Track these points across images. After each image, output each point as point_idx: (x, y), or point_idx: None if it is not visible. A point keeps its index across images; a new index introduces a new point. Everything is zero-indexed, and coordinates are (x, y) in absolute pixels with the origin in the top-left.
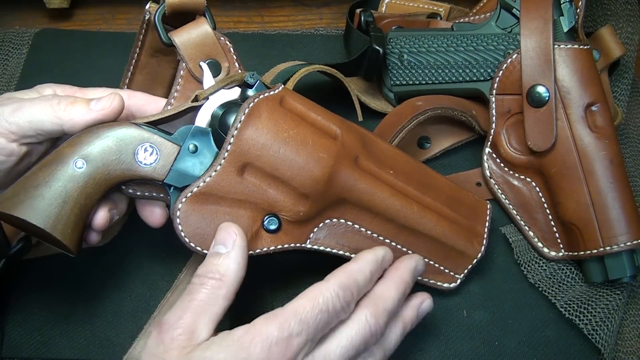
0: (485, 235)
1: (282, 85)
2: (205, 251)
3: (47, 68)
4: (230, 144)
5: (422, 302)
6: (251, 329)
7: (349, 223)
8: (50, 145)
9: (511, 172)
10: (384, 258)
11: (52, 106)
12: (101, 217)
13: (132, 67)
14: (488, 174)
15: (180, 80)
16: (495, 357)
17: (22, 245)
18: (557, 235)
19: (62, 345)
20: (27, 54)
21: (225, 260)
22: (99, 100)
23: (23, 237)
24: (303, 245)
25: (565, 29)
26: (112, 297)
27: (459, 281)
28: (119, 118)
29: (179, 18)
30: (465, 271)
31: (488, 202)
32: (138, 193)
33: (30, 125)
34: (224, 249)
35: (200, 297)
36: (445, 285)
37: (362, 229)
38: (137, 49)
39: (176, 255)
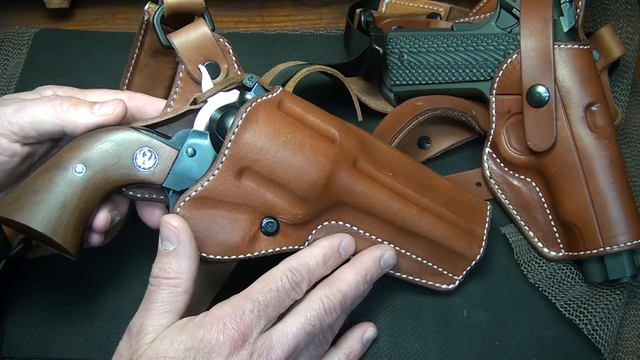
0: (484, 237)
1: (281, 88)
2: (204, 254)
3: (47, 68)
4: (227, 148)
5: (365, 331)
6: (208, 312)
7: (348, 225)
8: (52, 145)
9: (511, 172)
10: (342, 245)
11: (54, 107)
12: (102, 218)
13: (131, 67)
14: (488, 174)
15: (179, 82)
16: (495, 357)
17: (22, 246)
18: (557, 235)
19: (62, 345)
20: (27, 54)
21: (175, 258)
22: (103, 105)
23: (23, 238)
24: (301, 247)
25: (565, 29)
26: (112, 297)
27: (457, 282)
28: None
29: (178, 19)
30: (464, 273)
31: (488, 203)
32: (138, 195)
33: (31, 126)
34: (171, 245)
35: (160, 299)
36: (444, 286)
37: (361, 231)
38: (137, 50)
39: None
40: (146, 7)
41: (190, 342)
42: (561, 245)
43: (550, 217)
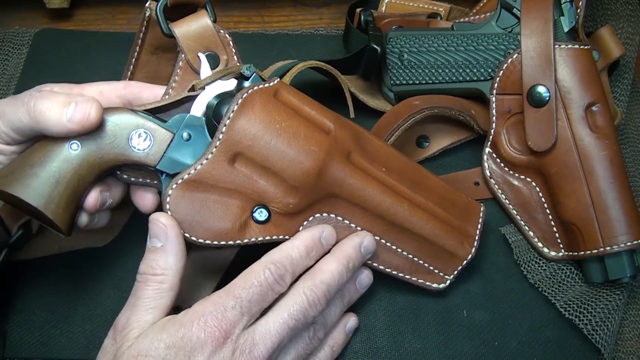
0: (476, 237)
1: (278, 79)
2: (193, 238)
3: (47, 68)
4: (222, 132)
5: (347, 322)
6: (190, 310)
7: (339, 218)
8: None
9: (511, 172)
10: (323, 235)
11: (26, 109)
12: (92, 198)
13: (132, 65)
14: (488, 173)
15: (178, 70)
16: (495, 357)
17: (21, 232)
18: (557, 235)
19: (62, 345)
20: (27, 54)
21: (162, 254)
22: (76, 108)
23: (22, 224)
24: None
25: (566, 29)
26: (112, 297)
27: (448, 282)
28: (117, 104)
29: (180, 11)
30: (455, 272)
31: (482, 205)
32: (132, 179)
33: (12, 130)
34: (159, 242)
35: (146, 295)
36: (434, 285)
37: (352, 225)
38: (137, 47)
39: None
40: (147, 3)
41: (171, 340)
42: (561, 245)
43: (550, 217)
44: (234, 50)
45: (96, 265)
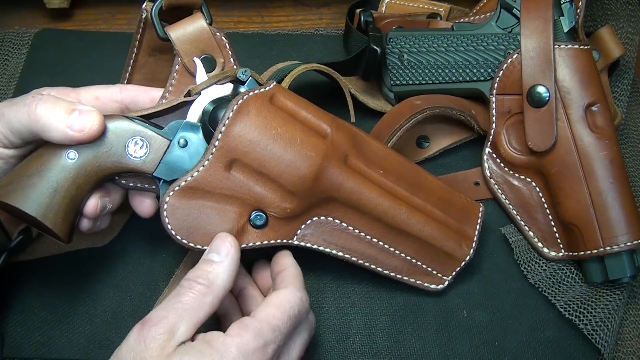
0: (475, 238)
1: (274, 82)
2: (191, 244)
3: (47, 68)
4: (218, 139)
5: None
6: (227, 338)
7: (337, 221)
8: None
9: (511, 172)
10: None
11: (27, 110)
12: (92, 204)
13: (129, 67)
14: (488, 173)
15: (175, 74)
16: (495, 357)
17: (22, 237)
18: (557, 235)
19: (62, 345)
20: (27, 54)
21: (217, 268)
22: (79, 117)
23: (22, 229)
24: (290, 241)
25: (566, 29)
26: (112, 297)
27: (446, 283)
28: (113, 110)
29: (176, 14)
30: (454, 273)
31: (481, 204)
32: (131, 184)
33: (12, 133)
34: (217, 257)
35: (186, 300)
36: (433, 286)
37: (350, 228)
38: (135, 49)
39: (176, 255)
40: (144, 5)
41: None
42: (561, 245)
43: (550, 217)
44: (230, 52)
45: (96, 265)
